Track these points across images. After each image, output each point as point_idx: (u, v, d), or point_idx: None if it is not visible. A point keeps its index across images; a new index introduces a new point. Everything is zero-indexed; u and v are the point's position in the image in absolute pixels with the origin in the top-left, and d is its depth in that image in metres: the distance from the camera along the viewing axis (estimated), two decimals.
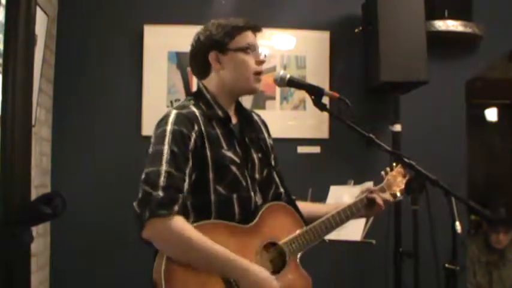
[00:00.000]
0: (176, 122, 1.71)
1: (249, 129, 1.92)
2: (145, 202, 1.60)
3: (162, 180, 1.62)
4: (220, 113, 1.83)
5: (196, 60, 1.88)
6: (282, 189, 1.98)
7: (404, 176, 2.05)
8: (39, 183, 3.08)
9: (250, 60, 1.83)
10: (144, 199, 1.61)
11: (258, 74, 1.85)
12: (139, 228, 1.61)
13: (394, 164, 2.06)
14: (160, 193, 1.60)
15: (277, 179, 1.97)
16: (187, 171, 1.67)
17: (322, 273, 1.93)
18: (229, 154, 1.78)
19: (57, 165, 3.31)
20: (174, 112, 1.75)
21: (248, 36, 1.85)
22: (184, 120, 1.73)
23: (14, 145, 1.38)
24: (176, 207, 1.61)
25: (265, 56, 1.90)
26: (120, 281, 3.15)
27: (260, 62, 1.86)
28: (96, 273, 3.21)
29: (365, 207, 1.95)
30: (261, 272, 1.68)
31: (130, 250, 2.66)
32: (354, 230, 2.62)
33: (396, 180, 2.04)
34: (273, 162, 1.98)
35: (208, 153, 1.74)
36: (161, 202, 1.59)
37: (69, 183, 3.23)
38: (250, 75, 1.83)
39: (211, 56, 1.83)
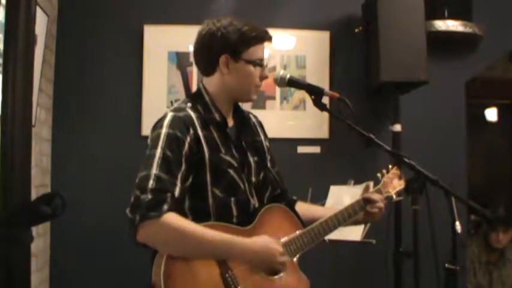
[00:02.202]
0: (171, 125, 1.71)
1: (245, 133, 1.92)
2: (135, 206, 1.60)
3: (150, 183, 1.62)
4: (217, 116, 1.82)
5: (205, 56, 1.85)
6: (279, 191, 1.98)
7: (400, 178, 2.06)
8: (39, 183, 3.08)
9: (256, 74, 1.83)
10: (134, 203, 1.61)
11: (258, 87, 1.86)
12: (133, 233, 1.61)
13: (390, 166, 2.07)
14: (149, 196, 1.60)
15: (273, 181, 1.97)
16: (179, 175, 1.67)
17: (322, 273, 1.93)
18: (227, 158, 1.78)
19: (57, 165, 3.31)
20: (170, 115, 1.75)
21: (261, 49, 1.84)
22: (180, 123, 1.72)
23: (14, 145, 1.38)
24: (165, 207, 1.60)
25: (267, 65, 1.90)
26: (120, 281, 3.14)
27: (263, 78, 1.86)
28: (96, 273, 3.21)
29: (362, 208, 1.95)
30: (264, 241, 1.70)
31: (131, 250, 2.64)
32: (354, 230, 2.61)
33: (392, 182, 2.04)
34: (269, 164, 1.97)
35: (206, 156, 1.73)
36: (149, 204, 1.59)
37: (69, 183, 3.23)
38: (251, 88, 1.84)
39: (222, 59, 1.80)
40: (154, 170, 1.63)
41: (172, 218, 1.61)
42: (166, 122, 1.72)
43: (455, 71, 3.63)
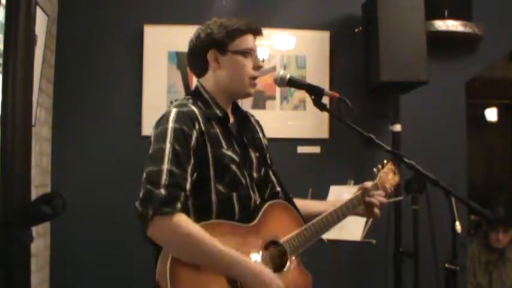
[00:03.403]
0: (177, 120, 1.71)
1: (245, 129, 1.93)
2: (147, 201, 1.59)
3: (164, 178, 1.61)
4: (218, 112, 1.83)
5: (195, 57, 1.88)
6: (278, 188, 1.98)
7: (394, 173, 2.08)
8: (39, 183, 3.08)
9: (248, 64, 1.84)
10: (147, 198, 1.59)
11: (254, 78, 1.86)
12: (143, 227, 1.60)
13: (385, 161, 2.09)
14: (163, 191, 1.59)
15: (273, 179, 1.98)
16: (189, 170, 1.67)
17: (322, 273, 1.93)
18: (229, 153, 1.78)
19: (57, 165, 3.31)
20: (174, 110, 1.75)
21: (248, 40, 1.85)
22: (185, 118, 1.72)
23: (14, 145, 1.38)
24: (179, 205, 1.60)
25: (263, 60, 1.90)
26: (120, 281, 3.15)
27: (257, 67, 1.86)
28: (96, 273, 3.21)
29: (361, 202, 1.98)
30: (267, 273, 1.68)
31: (131, 250, 2.66)
32: (354, 230, 2.62)
33: (388, 177, 2.08)
34: (269, 162, 1.98)
35: (209, 152, 1.73)
36: (164, 200, 1.58)
37: (69, 183, 3.23)
38: (245, 79, 1.84)
39: (210, 55, 1.83)
40: (166, 165, 1.62)
41: (184, 220, 1.60)
42: (171, 117, 1.72)
43: (455, 71, 3.63)
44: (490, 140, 6.01)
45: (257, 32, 1.88)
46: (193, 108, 1.78)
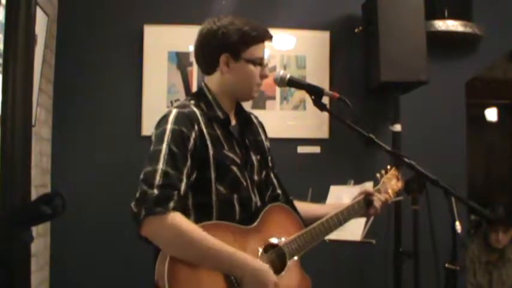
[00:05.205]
0: (176, 121, 1.71)
1: (248, 132, 1.93)
2: (141, 201, 1.60)
3: (158, 179, 1.61)
4: (220, 114, 1.83)
5: (206, 54, 1.86)
6: (279, 191, 1.99)
7: (398, 179, 2.09)
8: (39, 183, 3.08)
9: (256, 73, 1.84)
10: (140, 198, 1.60)
11: (259, 85, 1.87)
12: (137, 227, 1.61)
13: (389, 167, 2.10)
14: (156, 191, 1.59)
15: (274, 181, 1.98)
16: (185, 171, 1.67)
17: (322, 273, 1.93)
18: (230, 154, 1.79)
19: (57, 165, 3.31)
20: (174, 111, 1.75)
21: (261, 48, 1.85)
22: (185, 119, 1.72)
23: (14, 145, 1.38)
24: (172, 204, 1.60)
25: (267, 64, 1.91)
26: (120, 280, 3.15)
27: (264, 77, 1.86)
28: (96, 273, 3.21)
29: (362, 208, 1.99)
30: (262, 266, 1.68)
31: (131, 250, 2.66)
32: (354, 230, 2.61)
33: (391, 182, 2.09)
34: (270, 164, 1.98)
35: (210, 153, 1.74)
36: (156, 200, 1.59)
37: (69, 183, 3.23)
38: (252, 86, 1.85)
39: (223, 59, 1.81)
40: (161, 165, 1.63)
41: (178, 219, 1.61)
42: (171, 118, 1.72)
43: (455, 71, 3.63)
44: (490, 140, 6.01)
45: (271, 40, 1.89)
46: (195, 109, 1.78)
